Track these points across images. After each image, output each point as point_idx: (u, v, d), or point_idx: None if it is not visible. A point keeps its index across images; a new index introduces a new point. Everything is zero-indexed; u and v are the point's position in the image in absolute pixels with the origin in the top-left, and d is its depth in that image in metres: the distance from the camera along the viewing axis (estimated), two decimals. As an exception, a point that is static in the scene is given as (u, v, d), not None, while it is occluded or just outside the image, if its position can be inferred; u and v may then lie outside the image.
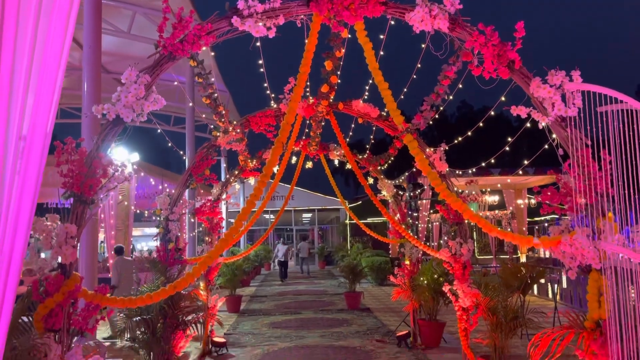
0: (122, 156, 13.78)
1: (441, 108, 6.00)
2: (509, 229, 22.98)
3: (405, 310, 9.45)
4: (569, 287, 12.90)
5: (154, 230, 7.14)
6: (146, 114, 3.64)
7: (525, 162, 11.70)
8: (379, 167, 9.10)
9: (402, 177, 15.86)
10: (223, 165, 20.08)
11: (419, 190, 9.69)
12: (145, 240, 25.70)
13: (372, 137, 8.02)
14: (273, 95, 6.34)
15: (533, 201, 24.34)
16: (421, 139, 6.67)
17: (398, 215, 9.40)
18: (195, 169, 6.28)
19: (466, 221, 6.54)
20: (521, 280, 6.29)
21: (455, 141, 8.11)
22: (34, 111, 2.11)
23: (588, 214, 3.54)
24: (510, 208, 23.65)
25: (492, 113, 9.10)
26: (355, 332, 10.44)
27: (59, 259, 3.31)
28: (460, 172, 15.15)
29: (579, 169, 3.56)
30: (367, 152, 8.94)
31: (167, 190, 6.70)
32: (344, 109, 6.43)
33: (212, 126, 7.44)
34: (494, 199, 24.09)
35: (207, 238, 8.87)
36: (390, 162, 8.41)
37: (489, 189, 22.99)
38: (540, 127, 3.73)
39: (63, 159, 3.38)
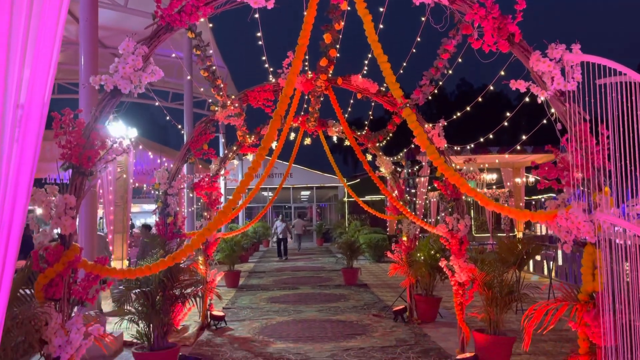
0: (121, 131, 13.77)
1: (440, 83, 5.97)
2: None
3: (402, 285, 9.55)
4: (564, 264, 13.02)
5: (152, 207, 7.17)
6: (144, 85, 3.62)
7: (524, 137, 11.69)
8: (377, 144, 9.09)
9: (401, 154, 15.88)
10: (222, 141, 20.04)
11: (417, 167, 9.70)
12: (144, 217, 25.74)
13: (370, 113, 7.99)
14: (271, 69, 6.31)
15: (531, 179, 24.42)
16: (420, 114, 6.66)
17: (396, 192, 9.43)
18: (194, 144, 6.28)
19: (464, 197, 6.58)
20: (517, 255, 6.35)
21: (454, 117, 8.09)
22: (31, 80, 2.10)
23: (585, 188, 3.56)
24: (508, 184, 23.72)
25: (492, 88, 9.06)
26: (352, 307, 10.56)
27: (59, 230, 3.33)
28: (459, 149, 15.12)
29: (576, 144, 3.56)
30: (366, 128, 8.92)
31: (165, 164, 6.70)
32: (342, 84, 6.39)
33: (210, 101, 7.40)
34: (492, 177, 24.09)
35: (205, 213, 8.91)
36: (389, 138, 8.40)
37: (487, 167, 22.98)
38: (539, 101, 3.73)
39: (61, 130, 3.38)
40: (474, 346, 6.54)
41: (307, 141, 9.58)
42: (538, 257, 13.98)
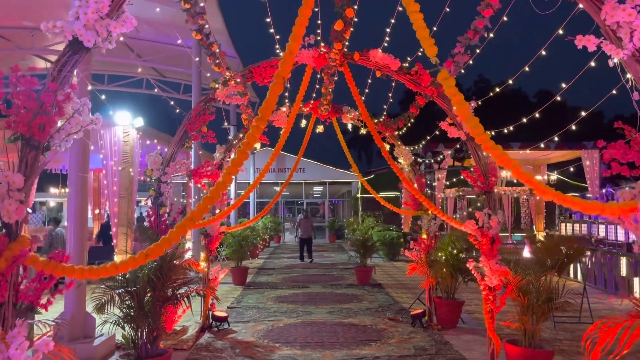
0: (125, 120, 13.14)
1: (478, 50, 5.15)
2: (526, 206, 22.18)
3: (421, 287, 8.77)
4: (593, 268, 12.14)
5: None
6: (115, 40, 2.91)
7: (556, 138, 10.87)
8: (396, 132, 8.32)
9: (417, 146, 14.96)
10: (231, 133, 19.28)
11: (438, 158, 8.91)
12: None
13: (390, 95, 7.19)
14: (279, 36, 5.56)
15: (553, 177, 23.42)
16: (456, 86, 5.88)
17: (416, 185, 8.65)
18: (191, 125, 5.57)
19: (495, 190, 5.79)
20: (557, 257, 5.56)
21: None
22: None
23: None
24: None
25: (510, 82, 8.22)
26: (365, 308, 9.82)
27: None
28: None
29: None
30: (384, 115, 8.14)
31: (159, 148, 5.99)
32: (360, 60, 5.63)
33: (208, 74, 6.67)
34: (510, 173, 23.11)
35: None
36: (409, 125, 7.62)
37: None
38: (611, 64, 2.94)
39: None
40: (504, 359, 5.77)
41: (320, 129, 8.83)
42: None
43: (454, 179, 22.39)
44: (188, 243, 15.36)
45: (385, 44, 5.70)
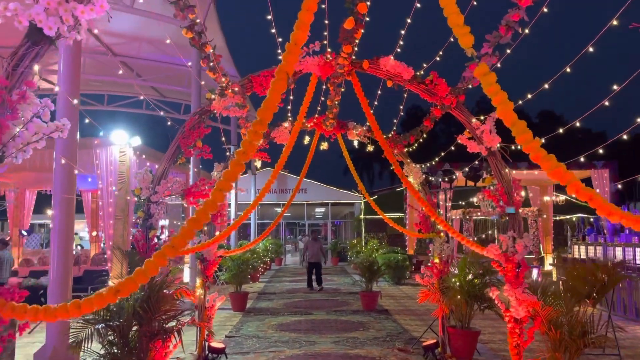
0: (122, 139, 12.67)
1: (508, 51, 4.63)
2: (535, 227, 21.55)
3: (434, 315, 8.16)
4: (621, 294, 11.46)
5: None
6: (85, 29, 2.41)
7: (582, 158, 10.42)
8: (405, 149, 7.81)
9: (423, 165, 14.35)
10: (231, 152, 18.77)
11: (451, 177, 8.39)
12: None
13: (401, 107, 6.68)
14: (280, 39, 5.07)
15: (562, 198, 22.85)
16: (465, 109, 5.38)
17: (422, 207, 8.10)
18: (185, 140, 5.06)
19: (520, 211, 5.25)
20: (592, 285, 5.00)
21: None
22: None
23: None
24: (538, 202, 22.35)
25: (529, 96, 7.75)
26: (373, 337, 9.18)
27: None
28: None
29: None
30: (393, 131, 7.64)
31: (148, 165, 5.48)
32: (369, 69, 5.14)
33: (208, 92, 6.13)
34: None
35: (204, 227, 7.68)
36: (420, 141, 7.10)
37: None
38: None
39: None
40: (533, 400, 5.15)
41: (324, 146, 8.31)
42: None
43: (461, 202, 21.82)
44: (185, 267, 14.78)
45: (398, 49, 5.22)
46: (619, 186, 18.83)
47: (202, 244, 5.75)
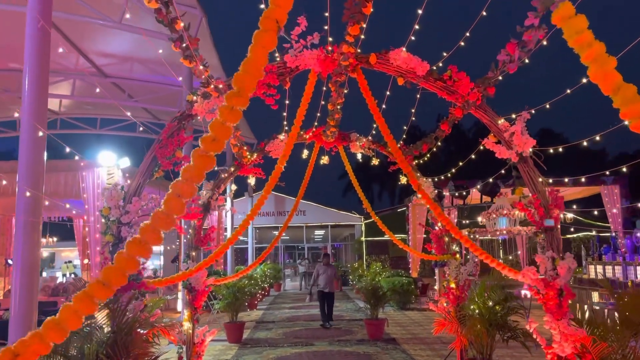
0: (110, 161, 11.93)
1: (526, 60, 3.95)
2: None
3: (450, 347, 7.30)
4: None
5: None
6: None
7: (582, 179, 9.71)
8: (414, 162, 7.06)
9: (435, 179, 13.48)
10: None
11: (463, 193, 7.62)
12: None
13: (413, 111, 5.89)
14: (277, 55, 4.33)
15: (569, 216, 22.05)
16: (489, 107, 4.64)
17: (439, 224, 7.32)
18: (162, 150, 4.30)
19: (559, 227, 4.46)
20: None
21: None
22: None
23: None
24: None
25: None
26: (382, 372, 8.29)
27: None
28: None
29: None
30: (401, 142, 6.89)
31: (128, 182, 4.69)
32: (377, 65, 4.41)
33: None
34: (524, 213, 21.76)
35: (192, 253, 6.87)
36: (432, 151, 6.34)
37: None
38: None
39: None
40: None
41: (324, 160, 7.56)
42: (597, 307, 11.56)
43: (466, 221, 21.00)
44: (180, 295, 13.77)
45: (413, 37, 4.49)
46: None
47: (184, 272, 4.92)
